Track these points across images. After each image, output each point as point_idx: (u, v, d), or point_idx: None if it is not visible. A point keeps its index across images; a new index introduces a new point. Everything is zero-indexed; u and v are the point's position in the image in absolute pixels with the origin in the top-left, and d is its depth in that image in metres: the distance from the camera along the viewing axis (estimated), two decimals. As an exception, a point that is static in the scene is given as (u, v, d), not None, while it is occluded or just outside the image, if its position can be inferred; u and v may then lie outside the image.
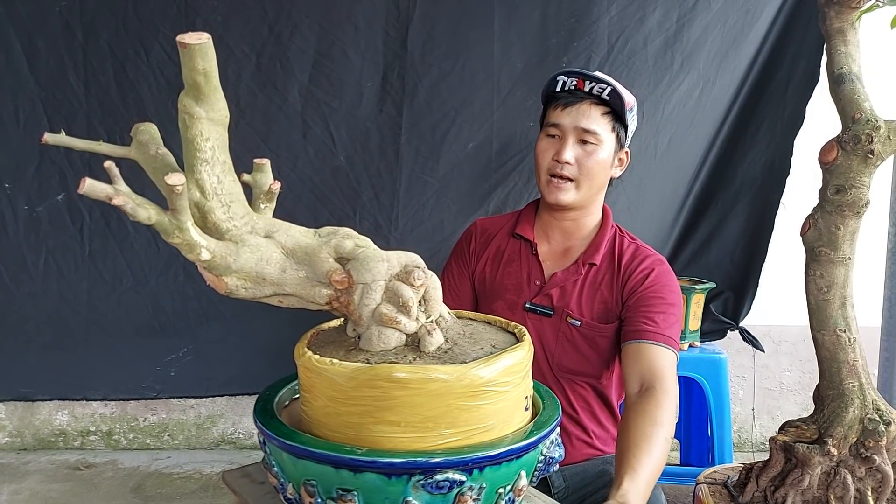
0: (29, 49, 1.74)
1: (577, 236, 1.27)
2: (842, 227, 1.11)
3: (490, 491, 0.69)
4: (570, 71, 1.21)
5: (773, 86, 1.91)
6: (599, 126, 1.18)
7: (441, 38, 1.80)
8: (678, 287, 1.24)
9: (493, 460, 0.68)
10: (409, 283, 0.72)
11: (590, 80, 1.18)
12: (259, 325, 1.86)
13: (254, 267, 0.69)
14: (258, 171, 0.80)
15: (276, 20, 1.77)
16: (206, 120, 0.67)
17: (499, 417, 0.71)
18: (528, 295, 1.24)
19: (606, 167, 1.21)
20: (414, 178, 1.85)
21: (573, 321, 1.21)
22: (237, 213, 0.70)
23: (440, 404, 0.67)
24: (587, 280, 1.23)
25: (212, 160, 0.69)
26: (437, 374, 0.67)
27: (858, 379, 1.12)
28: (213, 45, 0.63)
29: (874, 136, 1.09)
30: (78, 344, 1.86)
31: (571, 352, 1.22)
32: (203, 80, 0.64)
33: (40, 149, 1.78)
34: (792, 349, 2.48)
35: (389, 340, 0.72)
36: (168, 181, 0.64)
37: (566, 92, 1.20)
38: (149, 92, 1.78)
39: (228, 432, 2.43)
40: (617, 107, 1.18)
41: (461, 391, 0.68)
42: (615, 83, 1.17)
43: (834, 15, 1.15)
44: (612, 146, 1.21)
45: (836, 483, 1.08)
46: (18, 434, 2.37)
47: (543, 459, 0.78)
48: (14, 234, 1.81)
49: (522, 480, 0.73)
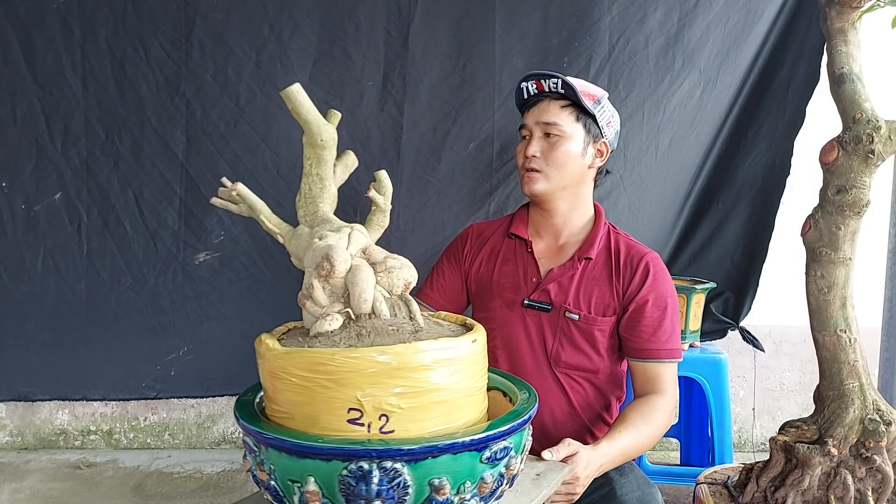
0: (26, 47, 1.73)
1: (568, 233, 1.32)
2: (842, 228, 1.11)
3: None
4: (528, 75, 1.29)
5: (774, 86, 1.91)
6: (560, 118, 1.25)
7: (442, 38, 1.79)
8: (673, 286, 1.29)
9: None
10: (316, 273, 0.79)
11: (545, 79, 1.27)
12: (259, 324, 1.83)
13: (294, 250, 0.87)
14: (377, 182, 0.96)
15: (277, 19, 1.76)
16: (306, 144, 0.89)
17: None
18: (526, 292, 1.28)
19: (575, 157, 1.26)
20: (415, 177, 1.85)
21: (571, 315, 1.25)
22: (309, 211, 0.90)
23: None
24: (584, 274, 1.27)
25: (308, 173, 0.90)
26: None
27: (859, 379, 1.12)
28: (299, 91, 0.84)
29: (875, 136, 1.09)
30: (78, 343, 1.85)
31: (569, 346, 1.25)
32: (297, 116, 0.85)
33: (38, 147, 1.77)
34: (792, 349, 2.48)
35: (322, 325, 0.76)
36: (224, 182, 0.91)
37: (532, 96, 1.30)
38: (147, 90, 1.77)
39: (229, 432, 2.42)
40: (573, 97, 1.25)
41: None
42: (567, 77, 1.25)
43: (835, 15, 1.15)
44: (581, 137, 1.27)
45: (836, 483, 1.08)
46: (19, 433, 2.37)
47: None
48: (12, 233, 1.80)
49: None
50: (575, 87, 1.23)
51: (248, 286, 1.87)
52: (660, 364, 1.23)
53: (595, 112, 1.26)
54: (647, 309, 1.23)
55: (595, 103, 1.27)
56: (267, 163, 1.82)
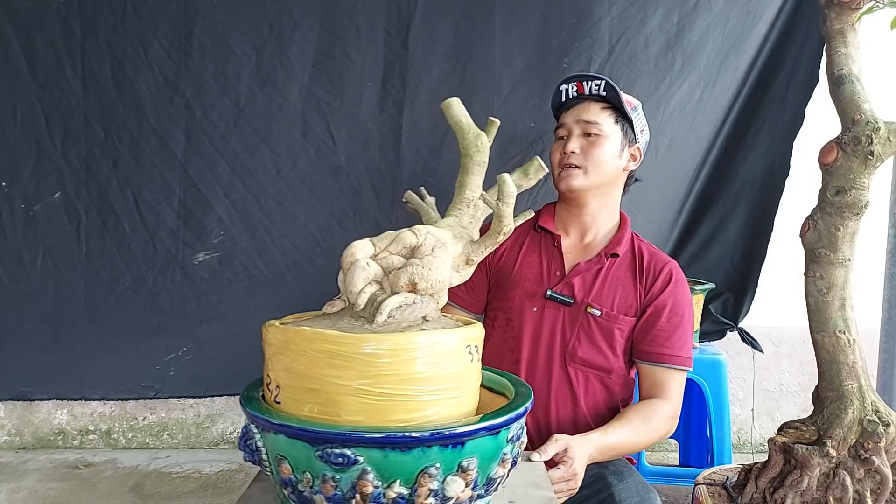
0: (27, 47, 1.73)
1: (595, 231, 1.33)
2: (841, 229, 1.12)
3: None
4: (568, 77, 1.31)
5: (774, 87, 1.91)
6: (601, 118, 1.27)
7: (442, 39, 1.79)
8: (691, 297, 1.30)
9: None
10: None
11: (587, 81, 1.29)
12: (258, 324, 1.84)
13: None
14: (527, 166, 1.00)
15: (277, 19, 1.77)
16: (463, 154, 0.97)
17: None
18: (549, 284, 1.28)
19: (613, 157, 1.28)
20: (414, 178, 1.85)
21: (593, 310, 1.26)
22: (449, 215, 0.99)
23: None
24: (610, 271, 1.29)
25: (461, 184, 0.99)
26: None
27: (858, 380, 1.12)
28: (457, 103, 0.93)
29: (874, 137, 1.09)
30: (77, 343, 1.85)
31: (587, 342, 1.26)
32: (454, 125, 0.95)
33: (37, 147, 1.77)
34: (791, 350, 2.48)
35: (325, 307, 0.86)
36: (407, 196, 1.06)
37: (570, 99, 1.31)
38: (147, 90, 1.78)
39: (228, 432, 2.42)
40: (615, 100, 1.26)
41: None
42: (609, 79, 1.26)
43: (834, 16, 1.15)
44: (619, 138, 1.28)
45: (834, 484, 1.08)
46: (17, 433, 2.37)
47: None
48: (11, 232, 1.80)
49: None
50: (619, 91, 1.25)
51: (248, 286, 1.87)
52: (669, 370, 1.23)
53: (633, 117, 1.29)
54: (665, 314, 1.24)
55: (633, 109, 1.29)
56: (266, 163, 1.82)
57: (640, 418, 1.17)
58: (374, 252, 0.85)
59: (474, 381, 0.82)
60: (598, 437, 1.10)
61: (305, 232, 1.86)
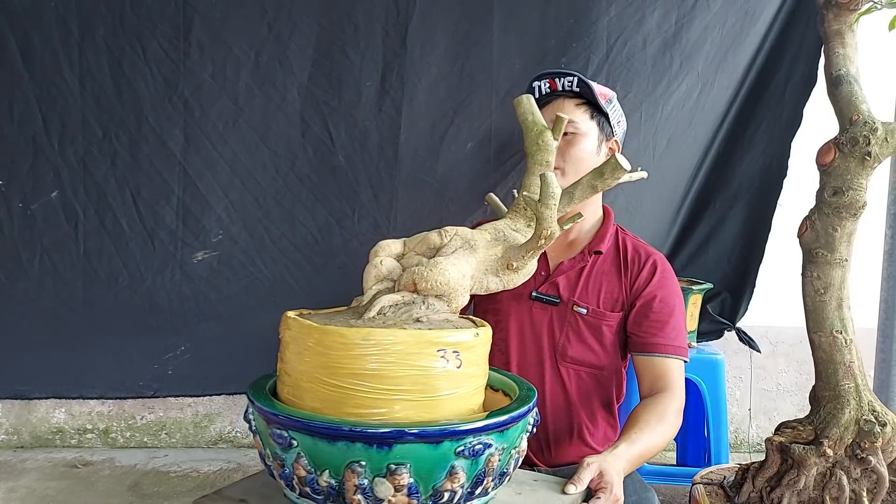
0: (23, 45, 1.73)
1: (578, 229, 1.32)
2: (839, 229, 1.12)
3: None
4: (541, 74, 1.29)
5: (772, 87, 1.92)
6: (576, 116, 1.26)
7: (440, 39, 1.79)
8: (679, 288, 1.29)
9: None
10: None
11: (559, 77, 1.27)
12: (257, 323, 1.85)
13: None
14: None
15: (276, 19, 1.76)
16: (526, 154, 0.99)
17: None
18: (534, 285, 1.27)
19: (591, 154, 1.27)
20: (413, 177, 1.85)
21: (580, 309, 1.25)
22: (506, 217, 1.02)
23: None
24: (594, 268, 1.28)
25: (521, 185, 1.01)
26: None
27: (854, 380, 1.12)
28: (527, 100, 0.97)
29: (872, 137, 1.09)
30: (75, 342, 1.85)
31: (576, 341, 1.25)
32: (520, 123, 0.98)
33: (35, 146, 1.77)
34: (789, 350, 2.48)
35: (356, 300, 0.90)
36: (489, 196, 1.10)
37: (543, 95, 1.29)
38: (145, 89, 1.77)
39: (226, 431, 2.42)
40: (588, 95, 1.25)
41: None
42: (581, 75, 1.26)
43: (832, 17, 1.15)
44: (595, 134, 1.28)
45: (831, 484, 1.09)
46: (15, 432, 2.37)
47: None
48: (9, 231, 1.79)
49: None
50: (593, 87, 1.25)
51: (247, 285, 1.87)
52: (668, 360, 1.21)
53: (608, 111, 1.28)
54: (656, 304, 1.23)
55: (607, 102, 1.28)
56: (266, 162, 1.82)
57: (656, 417, 1.12)
58: (401, 251, 0.88)
59: (459, 387, 0.79)
60: (626, 449, 1.03)
61: (304, 231, 1.85)
